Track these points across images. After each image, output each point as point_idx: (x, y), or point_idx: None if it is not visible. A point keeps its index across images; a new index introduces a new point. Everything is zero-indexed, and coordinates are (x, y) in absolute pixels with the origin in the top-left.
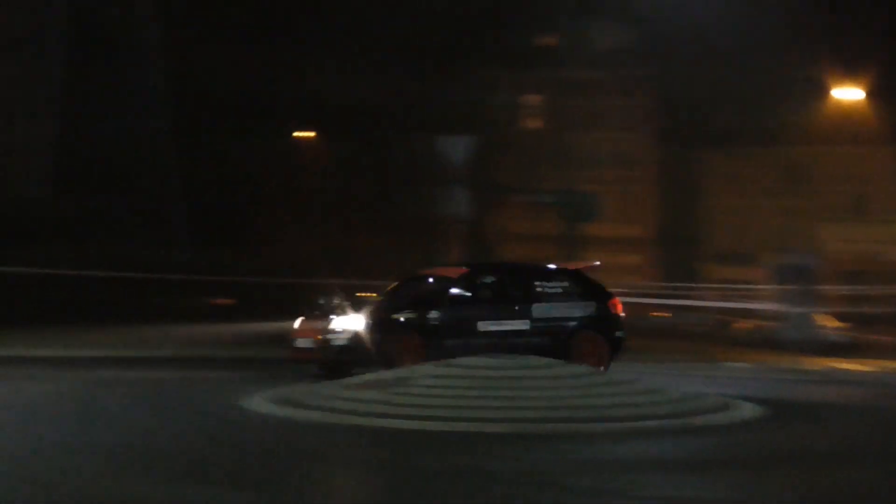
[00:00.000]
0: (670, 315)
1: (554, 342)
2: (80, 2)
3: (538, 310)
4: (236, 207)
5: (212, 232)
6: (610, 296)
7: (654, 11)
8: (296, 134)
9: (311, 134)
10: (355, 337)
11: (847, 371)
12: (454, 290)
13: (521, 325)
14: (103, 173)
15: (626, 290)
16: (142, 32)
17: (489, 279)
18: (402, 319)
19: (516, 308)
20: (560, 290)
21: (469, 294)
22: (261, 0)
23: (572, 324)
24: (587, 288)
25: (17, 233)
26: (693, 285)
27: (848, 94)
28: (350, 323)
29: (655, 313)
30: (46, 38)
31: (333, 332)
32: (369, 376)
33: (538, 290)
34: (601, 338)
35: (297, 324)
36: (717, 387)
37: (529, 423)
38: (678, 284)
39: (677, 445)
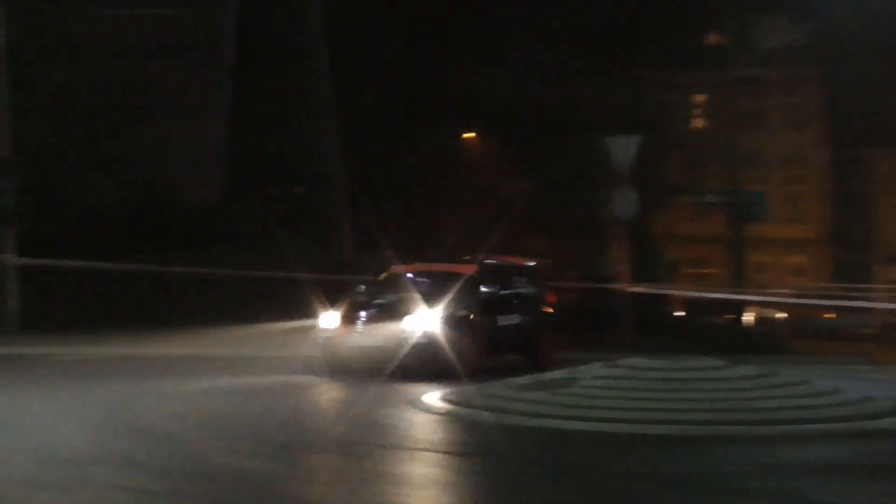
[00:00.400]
0: (836, 317)
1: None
2: (247, 6)
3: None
4: (401, 208)
5: (376, 233)
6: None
7: (824, 8)
8: (464, 135)
9: (474, 135)
10: (433, 337)
11: None
12: (483, 288)
13: (516, 319)
14: (270, 175)
15: (791, 291)
16: (307, 35)
17: (494, 276)
18: (473, 318)
19: (515, 302)
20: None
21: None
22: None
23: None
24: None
25: (188, 236)
26: (861, 286)
27: None
28: (426, 321)
29: (827, 315)
30: (216, 43)
31: (408, 331)
32: (534, 377)
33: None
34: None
35: (331, 320)
36: (886, 390)
37: (697, 425)
38: (846, 286)
39: (850, 449)
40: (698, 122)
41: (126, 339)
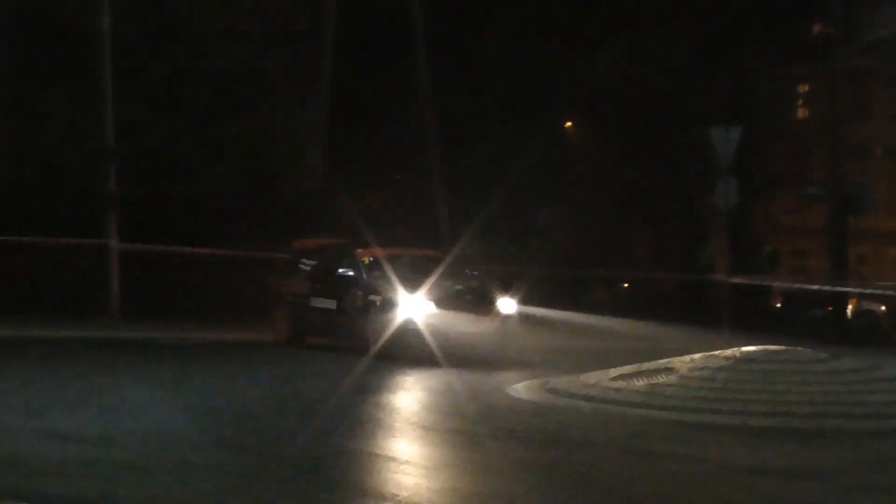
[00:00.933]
0: None
1: None
2: None
3: None
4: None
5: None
6: None
7: None
8: (566, 125)
9: (570, 125)
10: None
11: None
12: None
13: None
14: (366, 166)
15: (894, 284)
16: (407, 25)
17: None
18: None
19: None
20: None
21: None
22: None
23: None
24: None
25: (290, 223)
26: None
27: None
28: (508, 307)
29: None
30: (318, 31)
31: (502, 316)
32: (633, 366)
33: None
34: None
35: (427, 306)
36: None
37: (799, 418)
38: None
39: None
40: (802, 113)
41: (225, 325)
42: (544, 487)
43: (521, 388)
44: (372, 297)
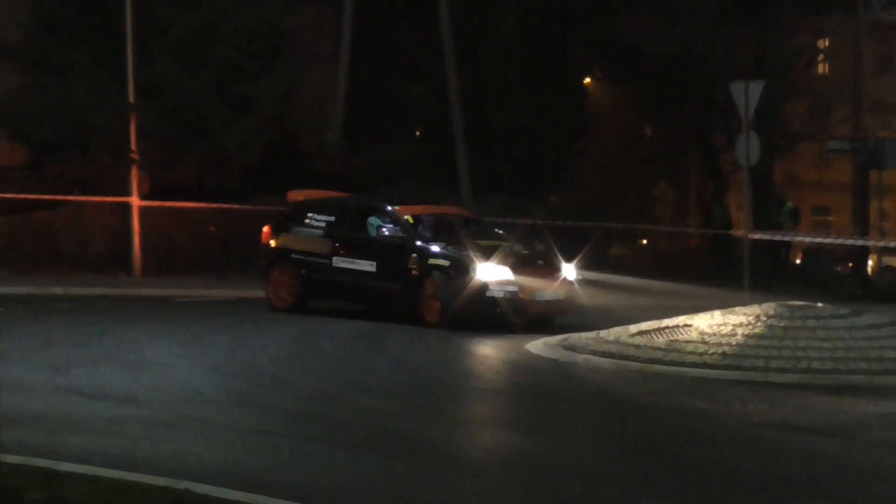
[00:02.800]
0: None
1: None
2: None
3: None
4: (523, 154)
5: (498, 178)
6: None
7: None
8: (585, 81)
9: (588, 80)
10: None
11: None
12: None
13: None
14: (389, 123)
15: None
16: None
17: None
18: None
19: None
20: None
21: None
22: None
23: None
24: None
25: (311, 179)
26: None
27: None
28: (571, 272)
29: None
30: None
31: (571, 281)
32: (651, 323)
33: None
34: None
35: (502, 272)
36: None
37: (819, 373)
38: None
39: None
40: (823, 68)
41: (246, 282)
42: (565, 443)
43: (540, 344)
44: (434, 262)
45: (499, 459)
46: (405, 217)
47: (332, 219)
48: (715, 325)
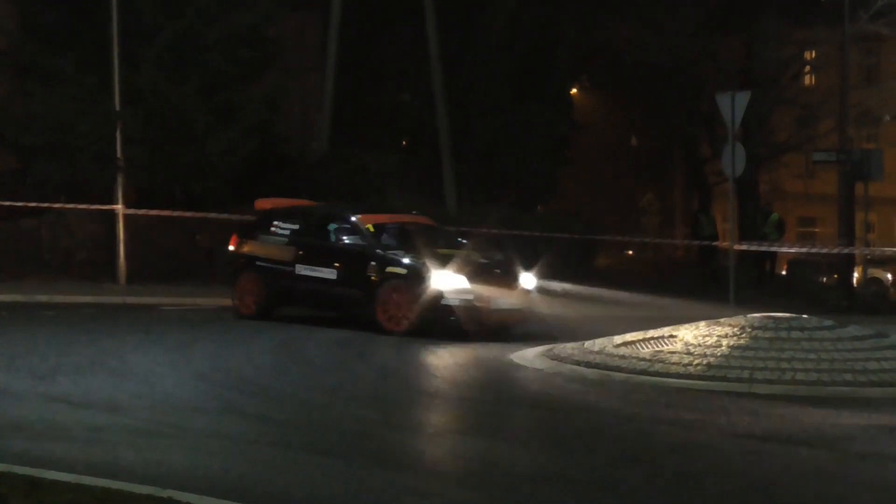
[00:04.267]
0: None
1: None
2: None
3: None
4: (510, 164)
5: (484, 189)
6: None
7: None
8: (572, 90)
9: (575, 90)
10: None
11: None
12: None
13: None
14: (375, 131)
15: None
16: None
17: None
18: None
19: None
20: None
21: None
22: None
23: None
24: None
25: (296, 188)
26: None
27: None
28: (530, 282)
29: None
30: None
31: (529, 290)
32: (636, 333)
33: None
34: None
35: (457, 280)
36: None
37: (804, 385)
38: None
39: None
40: (810, 79)
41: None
42: (546, 454)
43: (526, 354)
44: (392, 270)
45: (480, 468)
46: (366, 226)
47: (297, 227)
48: (700, 336)
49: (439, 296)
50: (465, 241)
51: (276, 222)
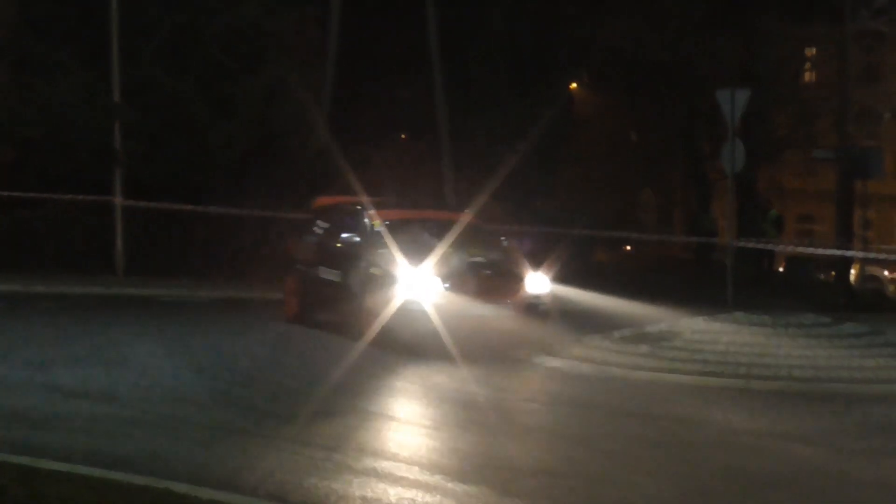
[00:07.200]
0: None
1: None
2: None
3: None
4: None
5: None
6: None
7: None
8: (571, 86)
9: (574, 86)
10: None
11: None
12: None
13: None
14: (367, 126)
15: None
16: None
17: None
18: None
19: None
20: None
21: None
22: None
23: None
24: None
25: (292, 182)
26: None
27: None
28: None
29: None
30: None
31: (534, 293)
32: (634, 330)
33: None
34: None
35: (436, 284)
36: None
37: (800, 381)
38: None
39: None
40: (810, 76)
41: (230, 283)
42: (543, 448)
43: (523, 349)
44: (373, 270)
45: (473, 463)
46: (373, 222)
47: (328, 226)
48: (697, 331)
49: (410, 301)
50: (507, 240)
51: (318, 221)
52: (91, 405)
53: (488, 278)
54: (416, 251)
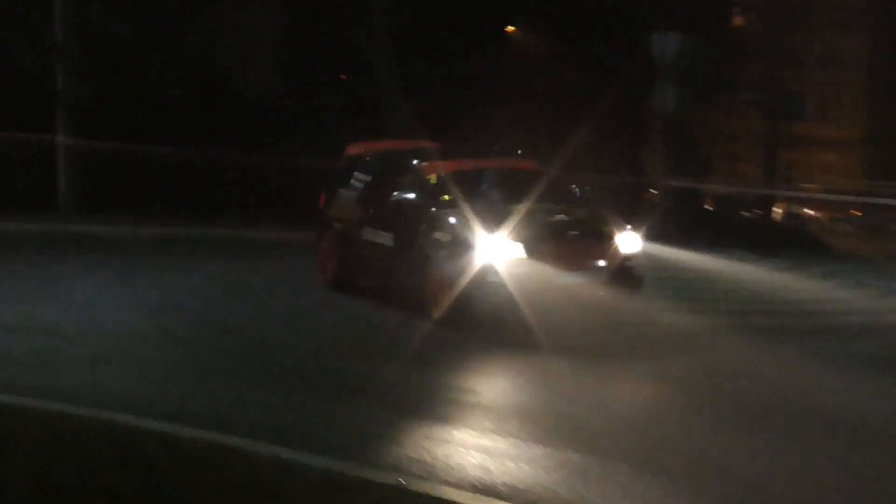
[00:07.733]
0: (861, 215)
1: None
2: None
3: None
4: (451, 102)
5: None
6: None
7: None
8: (507, 29)
9: (513, 29)
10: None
11: None
12: None
13: None
14: (319, 67)
15: (820, 188)
16: None
17: None
18: None
19: None
20: None
21: None
22: None
23: None
24: None
25: (239, 122)
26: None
27: None
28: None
29: (854, 212)
30: None
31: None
32: None
33: None
34: None
35: (515, 249)
36: None
37: (726, 316)
38: (878, 184)
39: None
40: (742, 20)
41: (173, 221)
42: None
43: None
44: (438, 235)
45: (428, 394)
46: (429, 176)
47: (370, 178)
48: None
49: (486, 270)
50: (579, 190)
51: (356, 172)
52: (35, 340)
53: (573, 240)
54: (487, 210)
